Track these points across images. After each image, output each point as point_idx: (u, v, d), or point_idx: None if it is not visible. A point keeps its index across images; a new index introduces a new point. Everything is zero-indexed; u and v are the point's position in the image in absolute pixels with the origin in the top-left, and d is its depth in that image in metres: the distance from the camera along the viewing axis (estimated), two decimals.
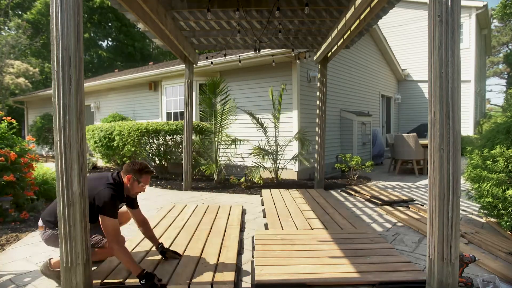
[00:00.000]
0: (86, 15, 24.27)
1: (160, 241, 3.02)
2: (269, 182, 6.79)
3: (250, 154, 6.92)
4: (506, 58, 29.53)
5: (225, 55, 6.67)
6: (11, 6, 21.86)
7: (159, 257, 2.91)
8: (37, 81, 20.92)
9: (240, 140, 7.11)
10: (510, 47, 30.79)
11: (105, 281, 2.44)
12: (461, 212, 4.19)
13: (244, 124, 7.81)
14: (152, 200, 5.55)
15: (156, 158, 7.84)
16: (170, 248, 3.07)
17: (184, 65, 6.41)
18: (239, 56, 7.14)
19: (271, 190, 6.08)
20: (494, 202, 3.50)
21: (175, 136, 7.50)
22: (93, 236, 2.65)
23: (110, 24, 25.88)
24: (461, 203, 3.70)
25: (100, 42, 27.11)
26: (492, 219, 4.02)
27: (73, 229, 2.21)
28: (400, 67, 13.33)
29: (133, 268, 2.40)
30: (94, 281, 2.39)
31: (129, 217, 3.09)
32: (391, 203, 5.06)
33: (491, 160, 3.63)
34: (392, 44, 13.55)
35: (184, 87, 6.46)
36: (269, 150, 6.82)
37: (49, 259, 2.60)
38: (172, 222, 4.06)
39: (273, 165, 6.85)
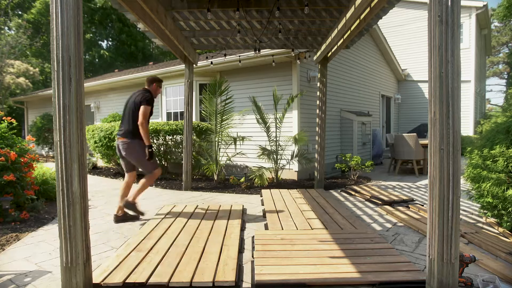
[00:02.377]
0: (86, 15, 24.26)
1: (162, 241, 3.02)
2: (269, 182, 6.80)
3: (258, 156, 6.89)
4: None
5: (225, 55, 6.68)
6: (11, 6, 21.85)
7: (162, 254, 2.91)
8: (37, 81, 20.92)
9: (242, 138, 7.11)
10: (510, 47, 30.79)
11: (105, 281, 2.44)
12: (461, 212, 4.19)
13: (245, 124, 7.82)
14: (152, 200, 5.55)
15: (156, 158, 7.84)
16: (171, 248, 3.09)
17: (184, 65, 6.41)
18: (239, 56, 7.14)
19: (271, 190, 6.08)
20: (494, 202, 3.50)
21: (175, 136, 7.50)
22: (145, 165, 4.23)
23: (110, 24, 25.87)
24: (461, 203, 3.70)
25: (100, 42, 27.11)
26: (492, 219, 4.03)
27: (73, 229, 2.22)
28: (400, 67, 13.33)
29: (147, 140, 4.08)
30: (94, 282, 2.40)
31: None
32: (391, 203, 5.06)
33: (491, 160, 3.64)
34: (392, 44, 13.54)
35: (184, 87, 6.46)
36: (270, 150, 6.82)
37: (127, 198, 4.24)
38: (172, 222, 4.05)
39: (274, 165, 6.86)
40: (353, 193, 5.90)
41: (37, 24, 22.83)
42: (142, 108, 4.05)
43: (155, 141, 7.55)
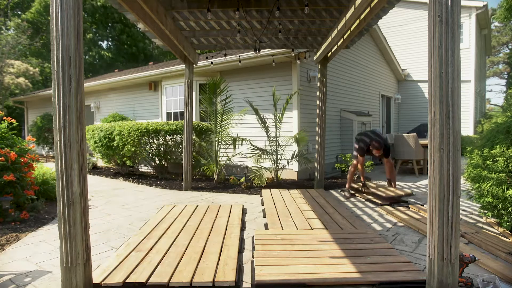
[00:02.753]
0: (86, 14, 24.24)
1: (162, 241, 3.03)
2: (269, 182, 6.80)
3: (251, 156, 6.88)
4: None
5: (225, 55, 6.68)
6: (10, 7, 21.84)
7: (162, 254, 2.91)
8: (37, 81, 20.92)
9: (241, 139, 7.11)
10: (510, 47, 30.79)
11: (105, 281, 2.44)
12: (461, 212, 4.19)
13: (245, 124, 7.82)
14: (152, 200, 5.55)
15: (156, 158, 7.84)
16: (171, 248, 3.11)
17: (184, 65, 6.41)
18: (239, 56, 7.14)
19: (271, 190, 6.08)
20: (494, 202, 3.50)
21: (175, 136, 7.50)
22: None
23: (110, 24, 25.87)
24: (461, 203, 3.70)
25: (100, 43, 27.11)
26: (492, 219, 4.02)
27: (73, 229, 2.22)
28: (400, 67, 13.32)
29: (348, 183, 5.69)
30: (94, 282, 2.40)
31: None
32: (391, 203, 5.06)
33: (491, 160, 3.64)
34: (392, 44, 13.54)
35: (184, 87, 6.46)
36: (270, 150, 6.83)
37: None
38: (172, 222, 4.06)
39: (273, 165, 6.86)
40: (353, 192, 5.89)
41: (36, 24, 22.81)
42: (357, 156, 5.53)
43: (155, 141, 7.56)
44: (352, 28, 4.85)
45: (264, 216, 4.43)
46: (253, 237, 3.55)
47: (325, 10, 4.80)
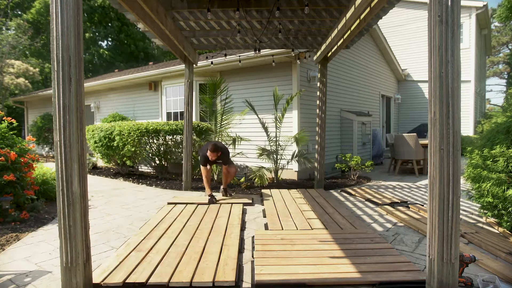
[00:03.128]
0: (85, 14, 24.24)
1: (162, 241, 3.04)
2: (269, 182, 6.80)
3: (259, 156, 6.88)
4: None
5: (225, 55, 6.68)
6: (10, 7, 21.82)
7: (162, 254, 2.91)
8: (37, 81, 20.91)
9: (241, 139, 7.11)
10: (510, 47, 30.79)
11: (105, 281, 2.44)
12: (461, 212, 4.19)
13: (245, 124, 7.81)
14: (152, 200, 5.55)
15: (156, 158, 7.84)
16: (171, 248, 3.10)
17: (184, 65, 6.41)
18: (239, 56, 7.14)
19: (271, 190, 6.08)
20: (494, 202, 3.50)
21: (175, 136, 7.49)
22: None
23: (110, 24, 25.86)
24: (461, 203, 3.70)
25: (100, 42, 27.10)
26: (492, 219, 4.03)
27: (73, 229, 2.22)
28: (400, 67, 13.32)
29: (207, 188, 5.29)
30: (94, 282, 2.40)
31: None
32: (391, 203, 5.06)
33: (491, 160, 3.64)
34: (392, 44, 13.54)
35: (184, 87, 6.46)
36: (270, 150, 6.82)
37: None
38: (172, 222, 4.06)
39: (273, 165, 6.85)
40: (353, 193, 5.90)
41: (36, 24, 22.80)
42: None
43: (155, 141, 7.55)
44: (352, 28, 4.85)
45: (264, 216, 4.43)
46: (253, 237, 3.55)
47: (325, 10, 4.80)
